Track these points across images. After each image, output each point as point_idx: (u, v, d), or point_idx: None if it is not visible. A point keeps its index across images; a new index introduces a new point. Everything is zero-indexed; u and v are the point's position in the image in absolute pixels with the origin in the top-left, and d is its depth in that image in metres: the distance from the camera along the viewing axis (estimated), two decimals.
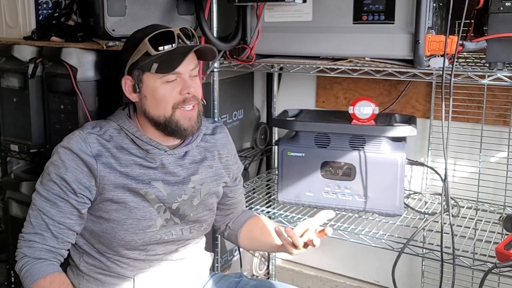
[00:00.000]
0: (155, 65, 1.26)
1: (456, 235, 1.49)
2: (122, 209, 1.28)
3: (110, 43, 1.61)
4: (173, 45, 1.27)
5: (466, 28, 1.58)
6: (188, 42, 1.30)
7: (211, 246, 1.88)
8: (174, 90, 1.28)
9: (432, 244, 1.50)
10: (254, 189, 2.03)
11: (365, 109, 1.66)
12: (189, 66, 1.29)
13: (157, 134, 1.33)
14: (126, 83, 1.32)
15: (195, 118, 1.32)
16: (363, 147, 1.67)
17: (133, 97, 1.32)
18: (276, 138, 2.25)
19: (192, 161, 1.37)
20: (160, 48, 1.27)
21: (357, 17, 1.52)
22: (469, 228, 1.63)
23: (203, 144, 1.42)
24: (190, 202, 1.36)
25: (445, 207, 1.44)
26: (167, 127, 1.29)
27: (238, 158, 1.56)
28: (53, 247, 1.25)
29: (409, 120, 1.75)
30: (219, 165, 1.44)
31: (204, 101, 1.72)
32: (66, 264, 1.39)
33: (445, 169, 1.41)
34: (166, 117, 1.28)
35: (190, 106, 1.30)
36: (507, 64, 1.41)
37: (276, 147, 2.15)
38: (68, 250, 1.31)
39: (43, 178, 1.29)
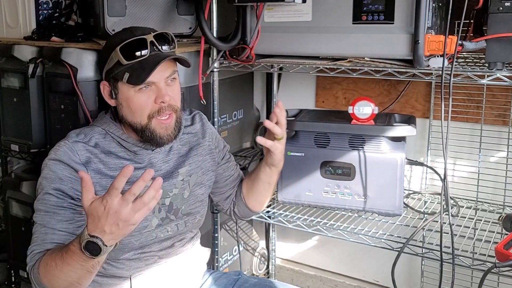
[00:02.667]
0: (126, 75, 1.25)
1: (456, 235, 1.49)
2: None
3: None
4: (145, 52, 1.25)
5: (466, 28, 1.58)
6: (164, 48, 1.28)
7: (211, 245, 1.89)
8: (149, 99, 1.26)
9: (432, 243, 1.50)
10: None
11: (364, 109, 1.67)
12: (164, 73, 1.27)
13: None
14: (104, 89, 1.32)
15: (172, 127, 1.31)
16: (362, 147, 1.67)
17: (112, 102, 1.32)
18: None
19: (178, 155, 1.39)
20: (132, 56, 1.24)
21: (357, 17, 1.52)
22: (469, 227, 1.63)
23: (186, 136, 1.43)
24: (181, 195, 1.37)
25: (445, 206, 1.44)
26: (144, 135, 1.29)
27: (221, 138, 1.57)
28: None
29: (409, 120, 1.75)
30: (204, 152, 1.45)
31: (204, 101, 1.73)
32: None
33: (445, 169, 1.41)
34: (142, 125, 1.27)
35: (166, 116, 1.28)
36: (506, 64, 1.42)
37: None
38: None
39: (38, 195, 1.27)
